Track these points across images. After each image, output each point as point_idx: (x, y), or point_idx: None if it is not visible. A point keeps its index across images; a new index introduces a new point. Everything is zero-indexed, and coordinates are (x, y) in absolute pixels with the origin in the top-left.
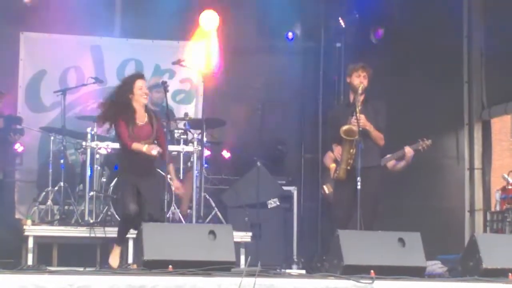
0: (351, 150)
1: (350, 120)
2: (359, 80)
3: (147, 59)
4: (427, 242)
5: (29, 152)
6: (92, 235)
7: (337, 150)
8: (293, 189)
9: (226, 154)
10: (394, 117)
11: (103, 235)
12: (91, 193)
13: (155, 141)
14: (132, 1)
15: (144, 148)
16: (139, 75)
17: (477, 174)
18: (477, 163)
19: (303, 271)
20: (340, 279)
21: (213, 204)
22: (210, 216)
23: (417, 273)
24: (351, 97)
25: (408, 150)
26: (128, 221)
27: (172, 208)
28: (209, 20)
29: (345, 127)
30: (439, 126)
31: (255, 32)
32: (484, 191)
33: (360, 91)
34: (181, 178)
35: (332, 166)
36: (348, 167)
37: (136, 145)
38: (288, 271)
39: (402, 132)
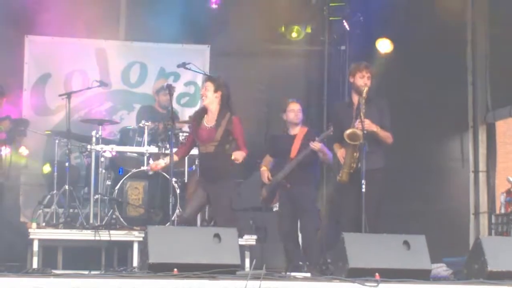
0: (355, 154)
1: (354, 123)
2: (363, 81)
3: (152, 62)
4: (432, 245)
5: (34, 156)
6: (97, 238)
7: (340, 153)
8: None
9: None
10: (399, 119)
11: (108, 238)
12: (96, 196)
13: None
14: (136, 4)
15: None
16: (205, 78)
17: (482, 176)
18: (482, 165)
19: (308, 274)
20: (345, 282)
21: None
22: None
23: (422, 276)
24: (354, 97)
25: (315, 145)
26: (182, 223)
27: (177, 211)
28: None
29: (348, 131)
30: (443, 129)
31: (259, 34)
32: (489, 193)
33: (364, 94)
34: (186, 181)
35: (263, 169)
36: (351, 171)
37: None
38: (293, 274)
39: (407, 134)
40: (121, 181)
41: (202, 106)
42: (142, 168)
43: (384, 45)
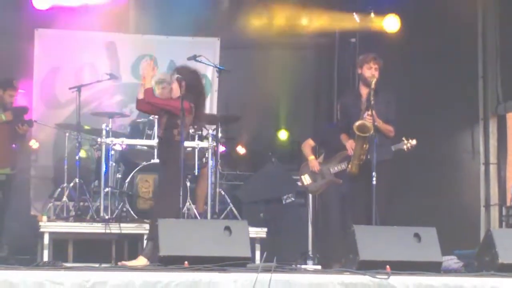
0: (364, 146)
1: (363, 115)
2: (371, 72)
3: (161, 55)
4: (442, 237)
5: (44, 149)
6: (108, 231)
7: (349, 144)
8: None
9: (241, 149)
10: (409, 111)
11: (119, 231)
12: (106, 189)
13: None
14: None
15: None
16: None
17: (493, 169)
18: (493, 158)
19: (319, 267)
20: (355, 274)
21: (228, 200)
22: (225, 212)
23: (433, 268)
24: (362, 88)
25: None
26: None
27: (188, 204)
28: None
29: (358, 123)
30: (454, 121)
31: (269, 27)
32: (500, 186)
33: (373, 85)
34: (196, 174)
35: (311, 158)
36: (361, 162)
37: None
38: (303, 266)
39: (417, 126)
40: (132, 174)
41: None
42: None
43: (391, 23)
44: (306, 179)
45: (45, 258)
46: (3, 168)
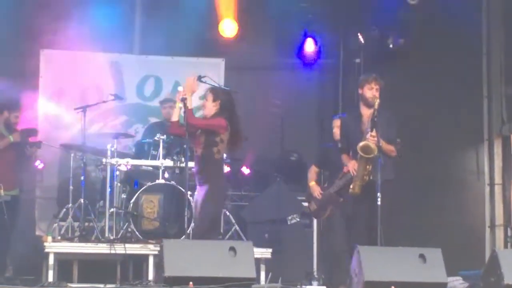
0: (368, 166)
1: (366, 136)
2: (372, 92)
3: (166, 76)
4: (448, 258)
5: (50, 169)
6: (113, 251)
7: (352, 164)
8: None
9: (245, 170)
10: (413, 131)
11: (124, 252)
12: (111, 210)
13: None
14: (151, 17)
15: None
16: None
17: (498, 189)
18: (498, 178)
19: (324, 287)
20: None
21: (233, 221)
22: (230, 233)
23: None
24: (363, 109)
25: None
26: None
27: (192, 224)
28: (228, 28)
29: (362, 144)
30: (459, 142)
31: (274, 49)
32: (505, 206)
33: (376, 106)
34: None
35: (312, 184)
36: (363, 183)
37: None
38: (308, 287)
39: (422, 147)
40: (136, 195)
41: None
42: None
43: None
44: (312, 206)
45: (50, 278)
46: (12, 190)
